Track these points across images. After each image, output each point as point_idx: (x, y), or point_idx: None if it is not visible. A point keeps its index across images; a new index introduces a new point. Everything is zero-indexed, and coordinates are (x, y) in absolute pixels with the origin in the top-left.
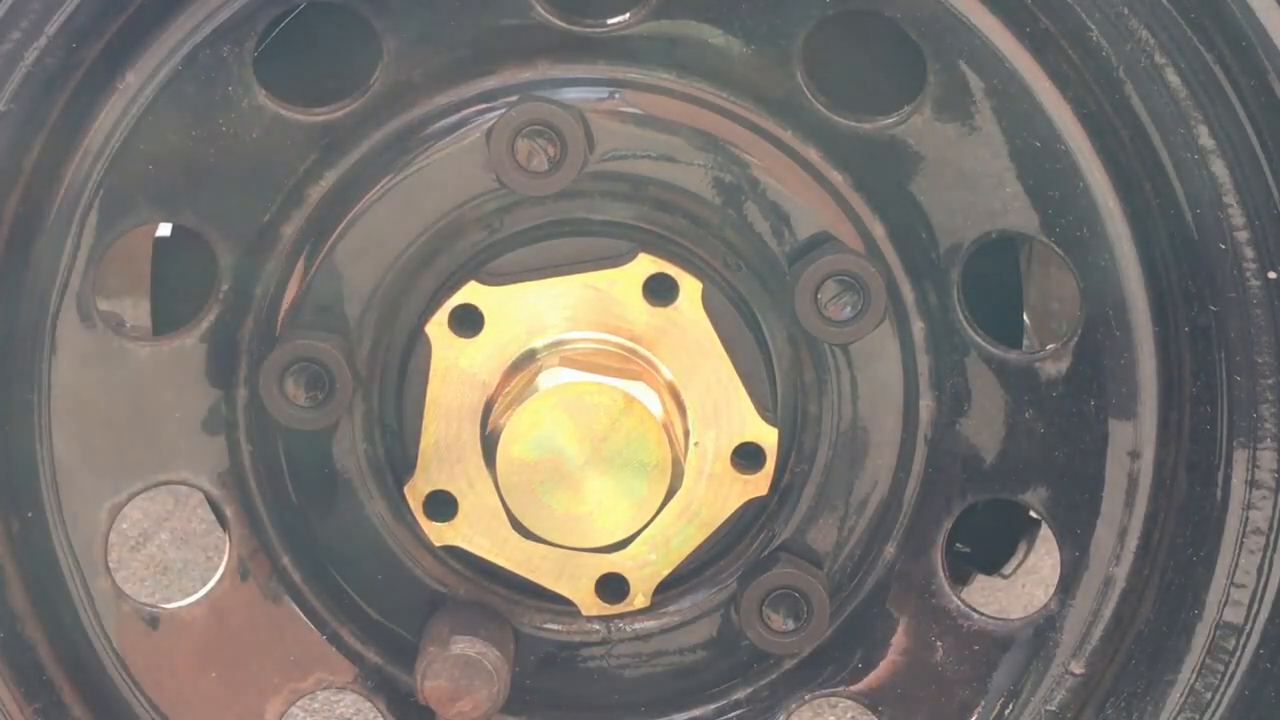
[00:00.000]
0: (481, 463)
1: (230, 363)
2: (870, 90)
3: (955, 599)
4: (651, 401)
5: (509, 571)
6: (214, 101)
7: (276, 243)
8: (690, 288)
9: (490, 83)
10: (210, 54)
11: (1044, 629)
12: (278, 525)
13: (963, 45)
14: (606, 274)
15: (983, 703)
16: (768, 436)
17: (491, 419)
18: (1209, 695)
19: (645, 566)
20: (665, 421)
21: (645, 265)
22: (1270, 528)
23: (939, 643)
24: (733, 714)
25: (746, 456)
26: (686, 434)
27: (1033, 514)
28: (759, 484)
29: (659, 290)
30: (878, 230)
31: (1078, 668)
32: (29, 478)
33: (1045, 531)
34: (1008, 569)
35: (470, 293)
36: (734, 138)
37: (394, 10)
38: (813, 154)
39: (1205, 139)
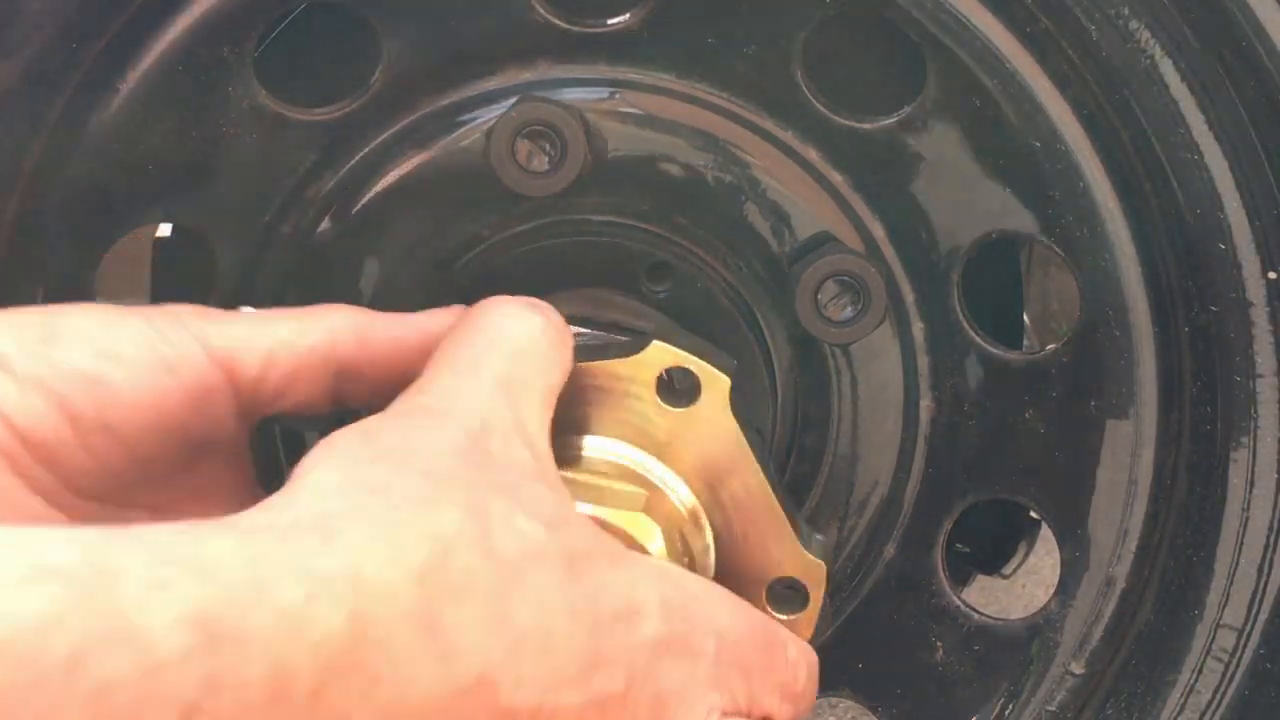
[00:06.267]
0: None
1: None
2: (869, 90)
3: (955, 599)
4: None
5: None
6: (214, 101)
7: (277, 243)
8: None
9: (490, 83)
10: (210, 54)
11: (1044, 629)
12: None
13: (962, 46)
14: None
15: (983, 703)
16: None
17: None
18: (1209, 695)
19: None
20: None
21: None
22: (1270, 528)
23: (939, 643)
24: None
25: None
26: None
27: (1033, 514)
28: None
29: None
30: (878, 231)
31: (1078, 668)
32: None
33: (1045, 531)
34: (1008, 569)
35: None
36: (734, 138)
37: (393, 10)
38: (813, 154)
39: (1205, 139)
